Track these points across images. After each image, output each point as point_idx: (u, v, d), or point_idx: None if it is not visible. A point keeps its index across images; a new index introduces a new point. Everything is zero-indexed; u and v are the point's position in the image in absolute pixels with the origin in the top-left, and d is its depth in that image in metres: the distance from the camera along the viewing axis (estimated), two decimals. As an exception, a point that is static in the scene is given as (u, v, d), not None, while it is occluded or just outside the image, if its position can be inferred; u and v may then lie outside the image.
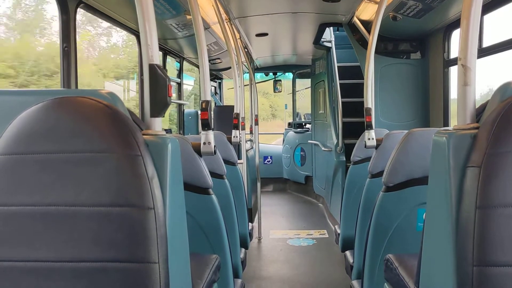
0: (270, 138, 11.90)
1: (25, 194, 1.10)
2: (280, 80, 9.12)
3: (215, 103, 8.37)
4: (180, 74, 5.90)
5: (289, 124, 9.05)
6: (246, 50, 5.67)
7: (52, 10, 2.83)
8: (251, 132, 5.91)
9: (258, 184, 5.61)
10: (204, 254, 2.11)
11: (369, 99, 2.97)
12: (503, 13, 3.07)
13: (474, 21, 1.15)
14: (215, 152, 2.22)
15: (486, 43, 3.20)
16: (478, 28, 1.17)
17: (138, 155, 1.10)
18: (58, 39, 2.81)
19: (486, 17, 3.17)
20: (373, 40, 2.93)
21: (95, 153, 1.09)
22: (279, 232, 5.65)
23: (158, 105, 1.24)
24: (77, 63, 2.88)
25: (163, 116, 1.27)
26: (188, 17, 3.86)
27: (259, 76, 9.10)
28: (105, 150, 1.09)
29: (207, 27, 4.37)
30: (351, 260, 3.09)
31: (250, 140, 5.91)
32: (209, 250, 2.37)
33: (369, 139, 2.84)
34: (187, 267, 1.34)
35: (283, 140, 8.90)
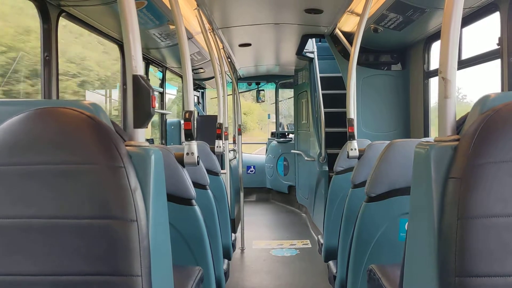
0: (250, 148, 11.90)
1: (6, 206, 1.08)
2: (263, 90, 9.15)
3: (198, 113, 8.35)
4: (163, 83, 5.88)
5: (272, 133, 9.08)
6: (229, 60, 5.69)
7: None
8: (234, 142, 5.90)
9: (241, 194, 5.60)
10: (187, 266, 2.09)
11: (352, 110, 2.99)
12: (481, 26, 3.15)
13: (453, 34, 1.17)
14: (198, 163, 2.21)
15: (465, 55, 3.27)
16: (458, 42, 1.19)
17: (121, 167, 1.09)
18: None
19: (465, 30, 3.25)
20: (355, 52, 2.97)
21: (77, 165, 1.08)
22: (262, 242, 5.64)
23: (142, 116, 1.23)
24: (58, 72, 2.84)
25: (147, 127, 1.26)
26: (171, 27, 3.86)
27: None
28: (87, 162, 1.08)
29: (190, 37, 4.37)
30: (334, 270, 3.09)
31: (233, 150, 5.90)
32: (192, 261, 2.34)
33: (351, 149, 2.86)
34: (170, 279, 1.33)
35: (266, 150, 8.91)
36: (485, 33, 3.22)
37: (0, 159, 1.10)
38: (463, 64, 3.23)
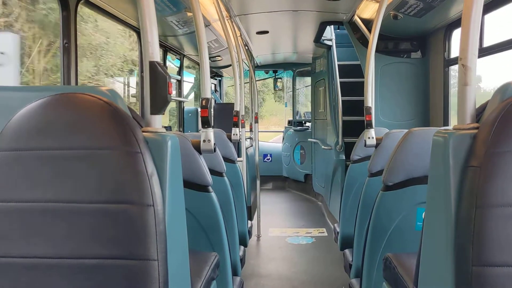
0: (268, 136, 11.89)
1: (24, 190, 1.10)
2: (281, 78, 9.11)
3: (215, 101, 8.37)
4: (180, 71, 5.90)
5: (289, 122, 9.05)
6: (246, 47, 5.67)
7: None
8: (251, 130, 5.91)
9: (258, 182, 5.62)
10: (203, 252, 2.11)
11: (369, 98, 2.96)
12: (504, 13, 3.07)
13: (475, 21, 1.15)
14: (215, 150, 2.22)
15: (486, 43, 3.20)
16: (479, 28, 1.17)
17: (137, 152, 1.10)
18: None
19: (486, 16, 3.17)
20: (373, 39, 2.93)
21: (95, 150, 1.09)
22: (278, 230, 5.66)
23: (158, 103, 1.23)
24: (77, 59, 2.87)
25: (163, 114, 1.27)
26: (188, 14, 3.85)
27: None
28: (104, 147, 1.09)
29: (207, 24, 4.36)
30: (350, 259, 3.09)
31: (250, 138, 5.91)
32: (208, 247, 2.37)
33: (369, 138, 2.84)
34: (186, 264, 1.34)
35: (283, 138, 8.90)
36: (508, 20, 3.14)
37: (19, 143, 1.12)
38: (485, 51, 3.16)
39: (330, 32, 5.71)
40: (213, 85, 8.63)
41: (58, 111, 1.13)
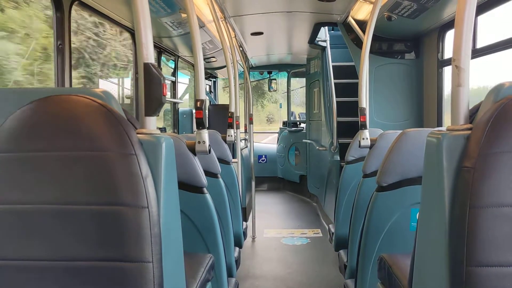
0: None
1: (18, 193, 1.10)
2: (275, 79, 9.12)
3: (210, 102, 8.36)
4: (175, 72, 5.89)
5: (284, 123, 9.06)
6: (241, 48, 5.67)
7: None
8: (245, 131, 5.91)
9: (253, 183, 5.62)
10: (198, 253, 2.11)
11: (364, 99, 2.97)
12: (497, 14, 3.09)
13: (468, 22, 1.16)
14: (209, 151, 2.22)
15: (479, 44, 3.21)
16: (472, 30, 1.18)
17: (132, 154, 1.10)
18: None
19: (479, 18, 3.19)
20: (368, 40, 2.94)
21: (89, 152, 1.09)
22: (273, 231, 5.66)
23: (153, 104, 1.23)
24: (71, 60, 2.86)
25: (158, 115, 1.27)
26: (183, 15, 3.85)
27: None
28: (99, 149, 1.09)
29: (202, 25, 4.36)
30: (344, 259, 3.10)
31: (245, 139, 5.91)
32: (203, 249, 2.37)
33: (363, 138, 2.85)
34: (181, 266, 1.34)
35: (278, 139, 8.91)
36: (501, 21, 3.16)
37: (12, 146, 1.12)
38: (478, 52, 3.18)
39: (324, 33, 5.72)
40: (207, 86, 8.62)
41: (52, 113, 1.13)
